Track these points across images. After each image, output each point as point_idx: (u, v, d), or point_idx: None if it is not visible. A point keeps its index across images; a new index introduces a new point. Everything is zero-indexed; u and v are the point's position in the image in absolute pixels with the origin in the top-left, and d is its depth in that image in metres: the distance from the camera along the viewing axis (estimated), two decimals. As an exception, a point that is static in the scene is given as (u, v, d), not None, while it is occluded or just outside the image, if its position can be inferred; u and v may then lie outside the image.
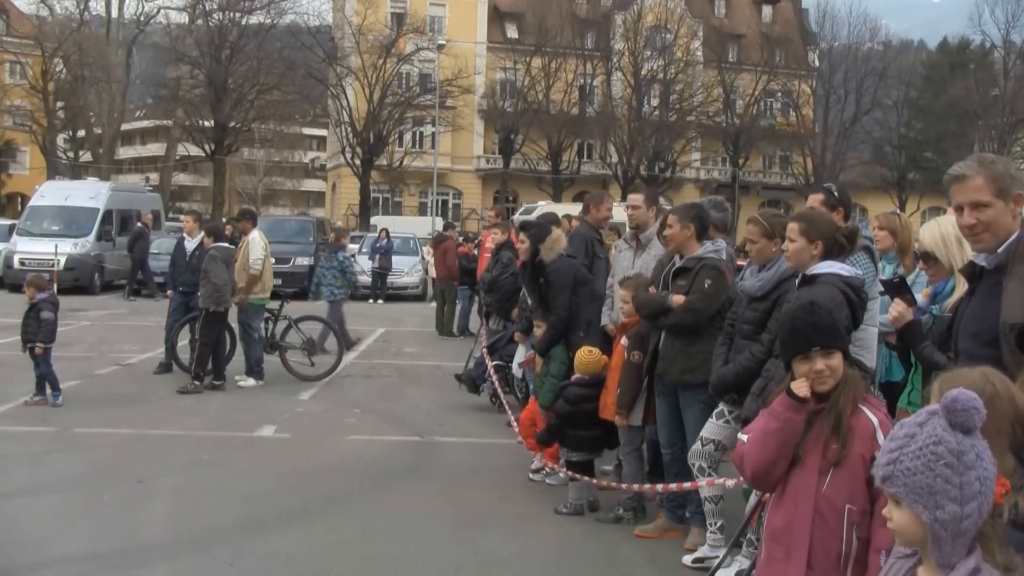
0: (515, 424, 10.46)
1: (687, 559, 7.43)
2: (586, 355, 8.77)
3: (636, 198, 9.19)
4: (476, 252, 22.60)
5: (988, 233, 4.41)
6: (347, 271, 19.72)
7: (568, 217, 12.66)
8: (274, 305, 15.44)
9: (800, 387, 4.15)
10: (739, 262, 8.43)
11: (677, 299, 7.65)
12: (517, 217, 24.75)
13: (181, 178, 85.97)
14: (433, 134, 62.65)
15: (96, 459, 10.17)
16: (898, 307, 5.53)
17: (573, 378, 8.84)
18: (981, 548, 2.75)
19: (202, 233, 14.95)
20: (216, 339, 14.24)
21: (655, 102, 67.36)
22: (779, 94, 72.07)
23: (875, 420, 4.15)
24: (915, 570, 2.89)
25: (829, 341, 4.16)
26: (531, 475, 9.81)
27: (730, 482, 6.63)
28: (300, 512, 8.52)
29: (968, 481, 2.72)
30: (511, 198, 66.45)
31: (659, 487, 7.71)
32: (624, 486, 8.23)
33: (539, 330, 9.78)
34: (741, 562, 6.80)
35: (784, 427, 4.15)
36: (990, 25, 71.44)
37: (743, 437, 4.36)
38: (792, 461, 4.16)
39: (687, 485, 7.12)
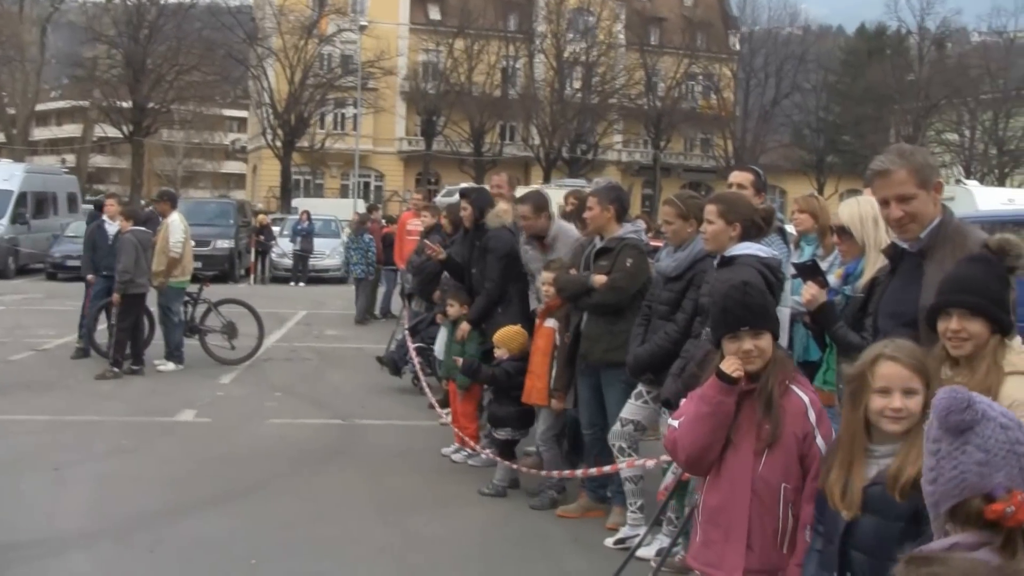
0: (437, 406, 10.49)
1: (609, 541, 7.50)
2: (512, 331, 8.81)
3: (524, 209, 9.11)
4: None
5: (914, 223, 4.52)
6: (370, 251, 21.69)
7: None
8: (194, 288, 15.26)
9: (730, 365, 4.19)
10: (655, 243, 8.51)
11: (599, 279, 7.71)
12: (440, 200, 24.67)
13: (98, 160, 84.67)
14: (355, 116, 62.31)
15: (12, 446, 9.99)
16: (811, 290, 5.63)
17: (498, 355, 8.86)
18: None
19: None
20: (134, 323, 14.06)
21: (577, 84, 67.49)
22: (700, 77, 72.58)
23: (806, 398, 4.23)
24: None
25: (759, 321, 4.21)
26: (452, 457, 9.84)
27: (650, 462, 6.70)
28: (222, 497, 8.47)
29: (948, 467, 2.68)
30: (433, 180, 66.24)
31: (579, 471, 7.76)
32: (545, 473, 8.28)
33: (451, 309, 9.81)
34: (662, 540, 6.90)
35: (715, 410, 4.18)
36: (906, 12, 72.86)
37: (673, 423, 4.38)
38: (724, 443, 4.20)
39: (607, 468, 7.16)
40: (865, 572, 3.62)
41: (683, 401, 4.50)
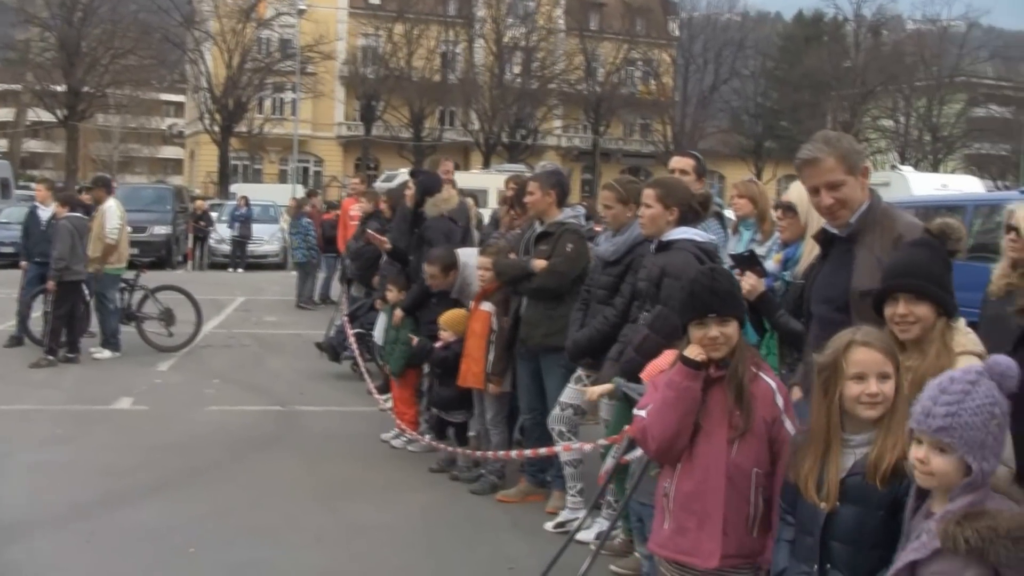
0: (376, 392, 10.47)
1: (548, 524, 7.53)
2: (458, 314, 8.82)
3: (432, 269, 9.12)
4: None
5: (845, 209, 4.57)
6: (309, 235, 21.89)
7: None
8: (130, 275, 15.09)
9: (694, 351, 4.19)
10: (595, 228, 8.54)
11: (538, 263, 7.72)
12: (379, 185, 24.59)
13: (32, 144, 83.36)
14: (294, 100, 61.80)
15: (-55, 435, 9.85)
16: (750, 280, 5.68)
17: (440, 342, 8.88)
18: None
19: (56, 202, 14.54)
20: (69, 311, 13.87)
21: (517, 70, 67.36)
22: (640, 63, 72.70)
23: (772, 384, 4.25)
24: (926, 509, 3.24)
25: (726, 308, 4.20)
26: (392, 443, 9.83)
27: (587, 446, 6.73)
28: (160, 485, 8.39)
29: (1004, 439, 3.15)
30: (373, 165, 65.91)
31: (517, 453, 7.77)
32: (492, 454, 8.29)
33: (390, 294, 9.80)
34: (601, 524, 6.93)
35: (682, 396, 4.17)
36: (843, -1, 73.38)
37: (640, 412, 4.38)
38: (696, 431, 4.19)
39: (543, 451, 7.18)
40: (845, 562, 3.64)
41: (647, 390, 4.50)
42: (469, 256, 9.11)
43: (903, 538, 3.37)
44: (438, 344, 8.86)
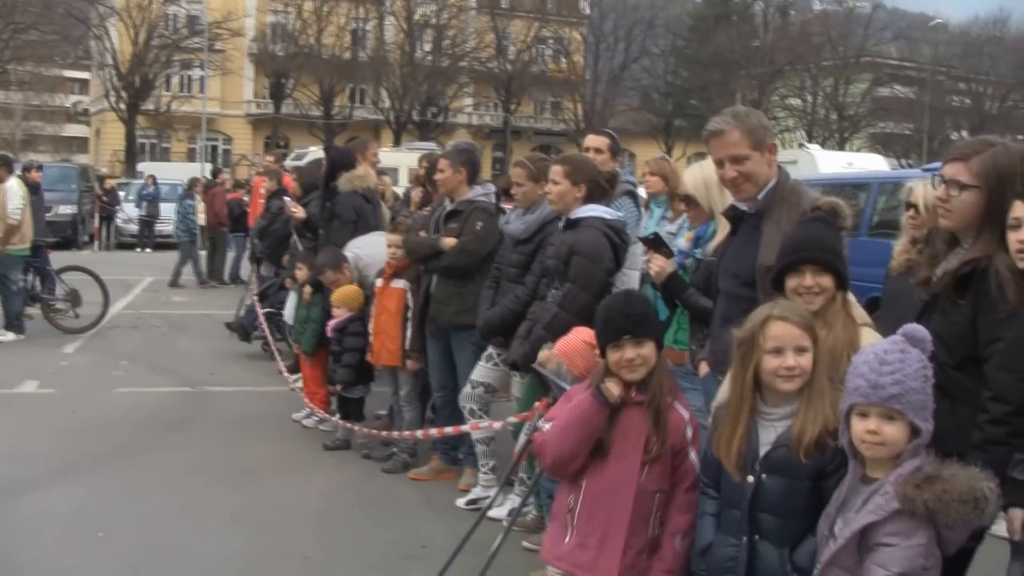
0: (286, 372, 10.41)
1: (460, 501, 7.57)
2: (351, 290, 8.84)
3: (329, 275, 9.20)
4: (247, 198, 22.31)
5: (749, 183, 4.64)
6: (188, 216, 22.57)
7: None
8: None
9: (612, 390, 4.16)
10: (504, 204, 8.55)
11: (448, 241, 7.73)
12: (288, 163, 24.39)
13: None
14: (202, 78, 60.92)
15: None
16: (658, 261, 5.75)
17: (335, 319, 8.86)
18: None
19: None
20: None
21: (428, 47, 67.04)
22: (551, 41, 72.71)
23: (685, 415, 4.26)
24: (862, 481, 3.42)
25: (641, 329, 4.17)
26: (303, 423, 9.79)
27: (497, 424, 6.77)
28: (67, 470, 8.26)
29: (934, 399, 3.36)
30: (283, 143, 65.21)
31: (433, 431, 7.79)
32: (398, 434, 8.29)
33: (300, 273, 9.76)
34: (513, 500, 6.97)
35: (585, 424, 4.17)
36: (752, -22, 74.03)
37: (544, 425, 4.38)
38: (608, 452, 4.18)
39: (449, 429, 7.20)
40: (774, 532, 3.72)
41: (559, 403, 4.50)
42: (359, 248, 9.12)
43: (830, 505, 3.52)
44: (332, 321, 8.86)
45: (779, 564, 3.68)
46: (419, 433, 7.74)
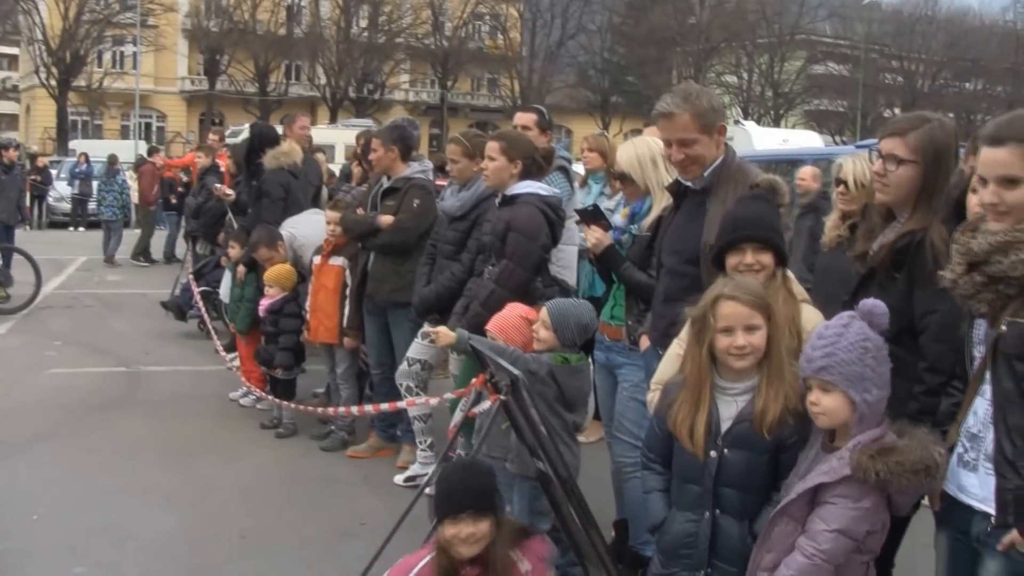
0: (223, 350, 10.34)
1: (399, 478, 7.58)
2: (283, 269, 8.80)
3: (262, 252, 9.12)
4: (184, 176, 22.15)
5: (695, 165, 4.67)
6: (123, 193, 22.79)
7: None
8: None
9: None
10: (439, 182, 8.55)
11: (385, 219, 7.71)
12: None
13: None
14: (135, 54, 60.06)
15: None
16: (595, 234, 5.76)
17: (268, 299, 8.82)
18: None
19: None
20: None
21: (364, 23, 66.62)
22: (487, 17, 72.52)
23: (525, 568, 4.15)
24: (819, 453, 3.58)
25: (481, 504, 4.06)
26: (240, 402, 9.74)
27: (434, 400, 6.77)
28: (1, 452, 8.16)
29: (884, 371, 3.50)
30: (218, 120, 64.54)
31: (370, 408, 7.77)
32: (334, 411, 8.28)
33: (233, 251, 9.69)
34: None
35: None
36: (688, -44, 74.16)
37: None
38: None
39: (384, 406, 7.20)
40: (735, 506, 3.79)
41: None
42: (294, 227, 9.07)
43: (791, 475, 3.65)
44: (264, 302, 8.82)
45: (740, 537, 3.75)
46: (355, 410, 7.72)
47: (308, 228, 8.95)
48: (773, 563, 3.59)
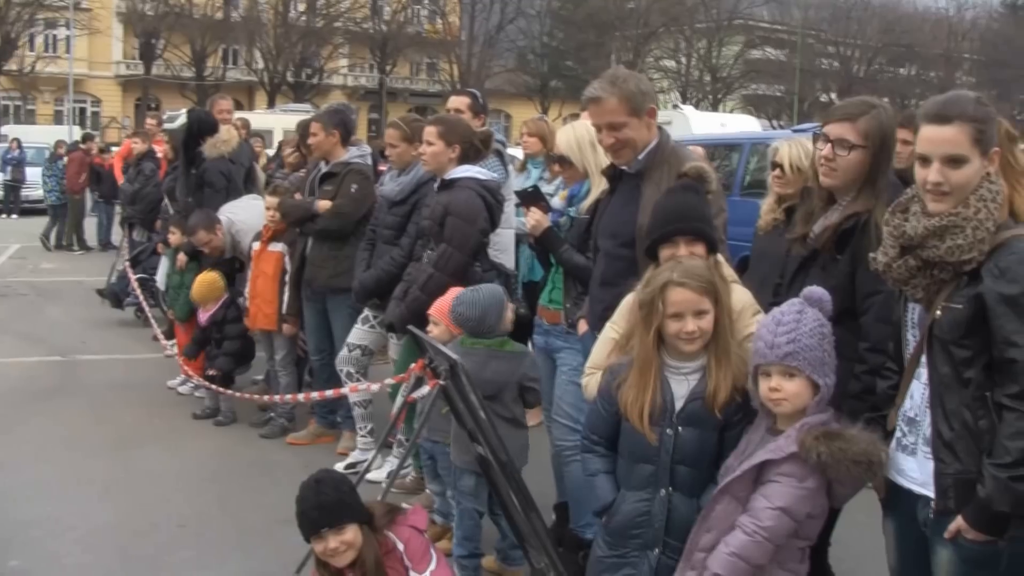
0: (162, 337, 10.25)
1: (339, 465, 7.54)
2: (205, 283, 8.73)
3: (200, 235, 9.04)
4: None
5: (627, 149, 4.68)
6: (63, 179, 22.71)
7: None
8: None
9: None
10: (380, 167, 8.52)
11: (323, 204, 7.67)
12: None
13: None
14: (68, 37, 59.23)
15: None
16: (535, 215, 5.78)
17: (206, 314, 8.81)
18: None
19: None
20: None
21: (302, 7, 66.11)
22: (426, 1, 72.26)
23: (400, 545, 4.24)
24: (765, 435, 3.64)
25: (337, 518, 4.11)
26: (179, 390, 9.67)
27: (374, 386, 6.77)
28: (-69, 442, 8.05)
29: (834, 356, 3.59)
30: (154, 105, 63.78)
31: (314, 395, 7.74)
32: (276, 398, 8.24)
33: (173, 237, 9.60)
34: (392, 462, 7.00)
35: None
36: (626, -60, 74.28)
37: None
38: None
39: (330, 393, 7.18)
40: (687, 483, 3.84)
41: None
42: (233, 212, 9.01)
43: (732, 457, 3.71)
44: (204, 316, 8.80)
45: (692, 513, 3.79)
46: (301, 396, 7.69)
47: (247, 213, 8.88)
48: (712, 542, 3.62)
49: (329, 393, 7.10)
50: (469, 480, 5.31)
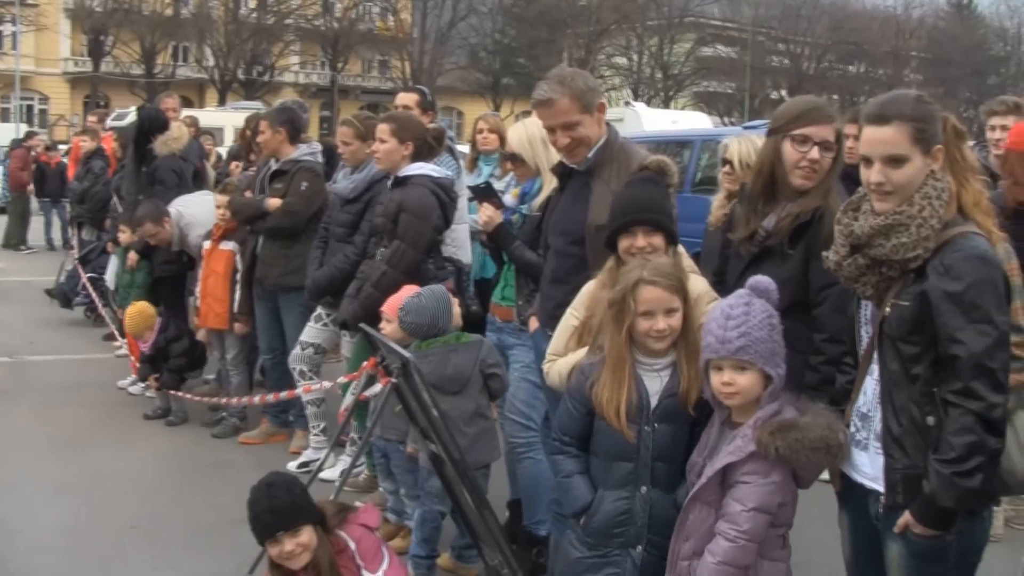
0: (118, 334, 10.17)
1: (292, 464, 7.52)
2: (136, 315, 8.72)
3: (145, 222, 8.98)
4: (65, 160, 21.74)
5: (582, 147, 4.67)
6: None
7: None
8: None
9: None
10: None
11: (273, 202, 7.64)
12: (109, 123, 23.70)
13: None
14: (14, 34, 58.55)
15: None
16: (487, 211, 5.79)
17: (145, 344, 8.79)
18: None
19: None
20: None
21: (253, 4, 65.72)
22: (378, -2, 72.14)
23: (352, 545, 4.27)
24: (723, 428, 3.67)
25: (291, 521, 4.13)
26: (129, 390, 9.59)
27: (327, 384, 6.75)
28: None
29: (784, 345, 3.58)
30: (103, 103, 63.16)
31: (270, 397, 7.70)
32: (224, 401, 8.20)
33: (123, 236, 9.53)
34: (345, 461, 6.98)
35: None
36: (578, -64, 74.38)
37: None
38: None
39: (283, 395, 7.15)
40: (664, 479, 3.85)
41: None
42: (183, 205, 8.95)
43: (696, 453, 3.74)
44: (144, 346, 8.78)
45: (670, 508, 3.81)
46: (257, 399, 7.65)
47: (198, 208, 8.82)
48: (693, 550, 3.64)
49: (285, 395, 7.08)
50: (436, 481, 5.30)
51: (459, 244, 7.21)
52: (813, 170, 4.04)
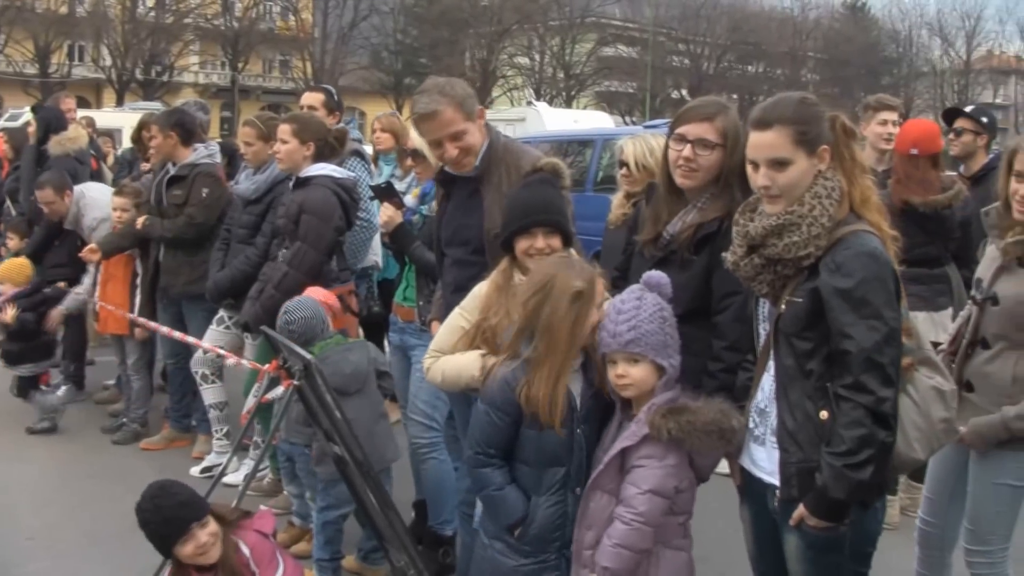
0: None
1: (195, 469, 7.44)
2: (16, 264, 8.61)
3: (45, 193, 8.73)
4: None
5: (470, 156, 4.61)
6: None
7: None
8: None
9: None
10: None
11: (140, 221, 7.63)
12: (2, 123, 23.20)
13: None
14: (-101, 33, 57.02)
15: None
16: (388, 211, 5.80)
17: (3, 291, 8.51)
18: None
19: None
20: None
21: (151, 3, 64.77)
22: (278, -3, 71.53)
23: (246, 551, 4.32)
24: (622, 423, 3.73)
25: (197, 514, 4.19)
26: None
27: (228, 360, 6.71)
28: None
29: (678, 337, 3.68)
30: (-4, 104, 61.88)
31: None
32: (131, 406, 8.08)
33: (11, 243, 9.36)
34: (248, 465, 6.92)
35: None
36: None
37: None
38: None
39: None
40: (585, 478, 3.81)
41: None
42: (88, 188, 8.79)
43: (598, 450, 3.79)
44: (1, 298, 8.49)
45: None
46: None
47: (99, 194, 8.63)
48: (595, 539, 3.66)
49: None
50: (341, 486, 5.26)
51: (373, 247, 7.29)
52: (691, 168, 3.95)
